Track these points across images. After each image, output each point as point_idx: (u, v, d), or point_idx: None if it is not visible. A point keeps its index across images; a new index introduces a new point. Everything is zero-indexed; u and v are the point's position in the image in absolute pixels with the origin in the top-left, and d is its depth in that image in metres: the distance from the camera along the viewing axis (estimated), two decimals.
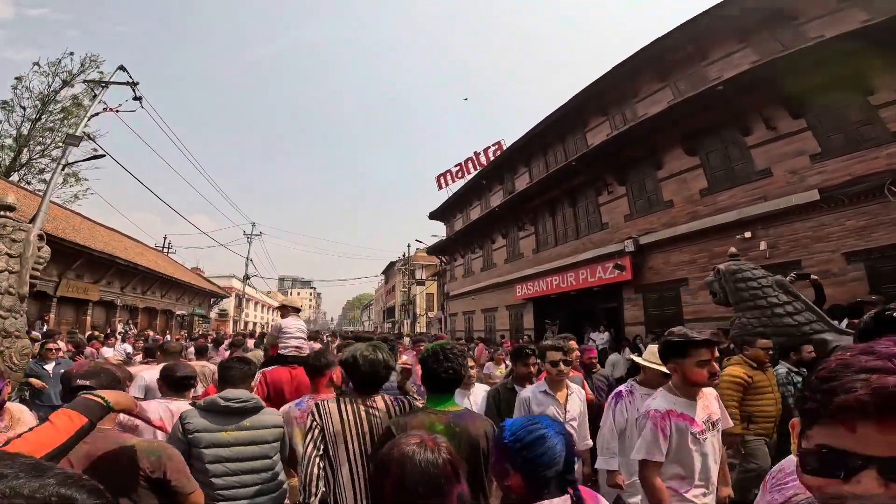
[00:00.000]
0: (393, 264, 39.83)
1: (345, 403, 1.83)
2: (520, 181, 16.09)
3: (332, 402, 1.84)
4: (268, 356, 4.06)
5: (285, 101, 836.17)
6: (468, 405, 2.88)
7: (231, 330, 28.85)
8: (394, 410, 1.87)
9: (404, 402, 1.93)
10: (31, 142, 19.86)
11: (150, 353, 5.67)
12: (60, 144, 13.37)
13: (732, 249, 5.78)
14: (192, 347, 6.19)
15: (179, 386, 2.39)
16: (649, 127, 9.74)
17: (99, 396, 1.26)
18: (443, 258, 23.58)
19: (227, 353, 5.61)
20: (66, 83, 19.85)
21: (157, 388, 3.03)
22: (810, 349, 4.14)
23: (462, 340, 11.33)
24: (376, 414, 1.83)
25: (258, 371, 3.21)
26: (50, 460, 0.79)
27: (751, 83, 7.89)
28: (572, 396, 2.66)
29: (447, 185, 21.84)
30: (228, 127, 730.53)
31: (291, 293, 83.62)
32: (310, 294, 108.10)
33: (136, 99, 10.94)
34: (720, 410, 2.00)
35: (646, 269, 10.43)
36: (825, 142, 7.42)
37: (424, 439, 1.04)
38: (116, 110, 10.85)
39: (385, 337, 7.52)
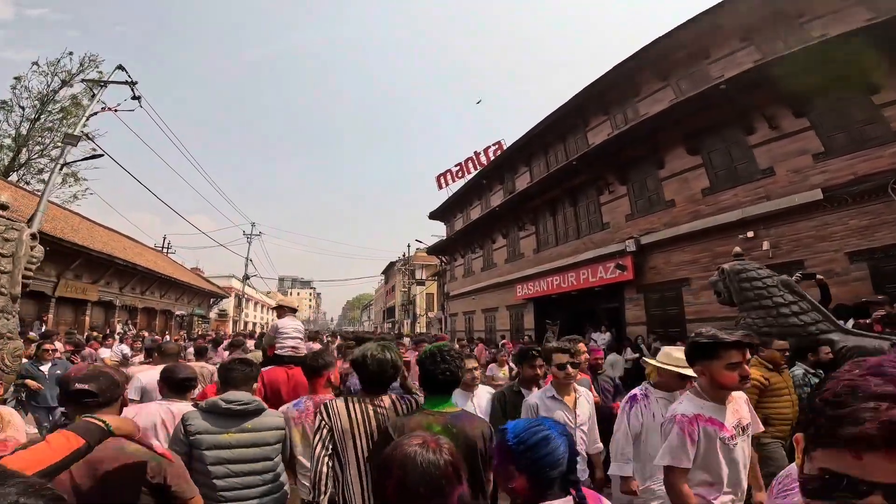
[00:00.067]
0: (393, 264, 39.81)
1: (352, 402, 1.85)
2: (520, 181, 16.05)
3: (340, 401, 1.86)
4: (266, 356, 4.03)
5: (285, 100, 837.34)
6: (472, 408, 2.81)
7: (231, 330, 28.83)
8: (401, 409, 1.88)
9: (411, 401, 1.95)
10: (30, 142, 19.85)
11: (151, 354, 5.61)
12: (59, 144, 13.31)
13: (737, 249, 5.72)
14: (192, 348, 6.13)
15: (181, 387, 2.37)
16: (651, 126, 9.71)
17: (101, 420, 1.25)
18: (443, 258, 23.53)
19: (226, 354, 5.56)
20: (65, 83, 19.85)
21: (153, 390, 3.01)
22: (828, 350, 4.07)
23: (464, 341, 11.25)
24: (383, 412, 1.85)
25: None
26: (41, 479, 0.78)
27: (753, 82, 7.85)
28: (581, 400, 2.58)
29: (447, 184, 21.81)
30: (228, 127, 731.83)
31: (291, 293, 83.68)
32: (309, 294, 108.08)
33: (136, 98, 10.91)
34: (750, 414, 1.92)
35: (647, 268, 10.39)
36: (828, 141, 7.39)
37: (427, 440, 1.03)
38: (115, 110, 10.82)
39: (383, 337, 7.46)
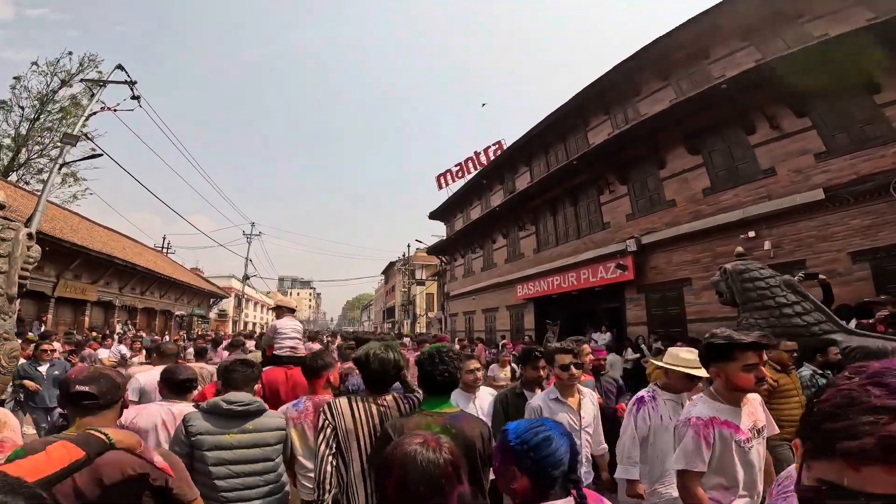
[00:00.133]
0: (393, 264, 39.78)
1: (356, 401, 1.86)
2: (520, 180, 16.02)
3: (344, 401, 1.87)
4: (265, 357, 4.02)
5: (285, 101, 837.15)
6: (474, 410, 2.77)
7: (230, 330, 28.80)
8: (403, 408, 1.89)
9: (413, 400, 1.95)
10: (30, 142, 19.82)
11: (150, 354, 5.59)
12: (58, 144, 13.28)
13: (739, 249, 5.70)
14: (192, 349, 6.10)
15: (181, 388, 2.37)
16: (651, 126, 9.69)
17: (103, 433, 1.26)
18: (443, 258, 23.50)
19: (226, 354, 5.54)
20: (64, 83, 19.81)
21: (152, 391, 2.99)
22: (836, 351, 4.06)
23: (464, 341, 11.22)
24: (387, 411, 1.86)
25: None
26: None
27: (754, 82, 7.83)
28: (585, 401, 2.55)
29: (447, 184, 21.80)
30: (228, 127, 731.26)
31: (291, 293, 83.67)
32: (309, 294, 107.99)
33: (135, 98, 10.88)
34: (766, 417, 1.89)
35: (648, 268, 10.36)
36: (830, 140, 7.37)
37: (427, 439, 1.03)
38: (114, 109, 10.79)
39: (382, 337, 7.44)
